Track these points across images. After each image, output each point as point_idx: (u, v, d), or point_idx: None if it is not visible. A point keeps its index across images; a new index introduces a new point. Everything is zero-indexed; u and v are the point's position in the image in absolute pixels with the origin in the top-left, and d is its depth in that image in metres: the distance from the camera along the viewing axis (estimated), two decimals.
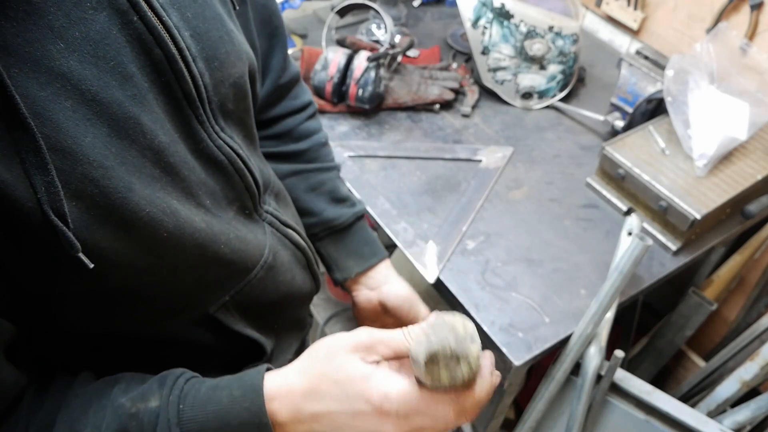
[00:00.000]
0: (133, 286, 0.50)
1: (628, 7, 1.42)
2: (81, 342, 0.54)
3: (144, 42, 0.45)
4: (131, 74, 0.44)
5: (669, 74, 1.10)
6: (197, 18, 0.51)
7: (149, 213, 0.46)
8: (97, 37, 0.42)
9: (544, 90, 1.31)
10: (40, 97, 0.39)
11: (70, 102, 0.40)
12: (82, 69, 0.41)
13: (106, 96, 0.42)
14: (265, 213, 0.66)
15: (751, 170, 1.07)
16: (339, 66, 1.20)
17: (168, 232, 0.48)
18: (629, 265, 0.87)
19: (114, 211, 0.44)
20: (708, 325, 1.48)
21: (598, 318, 0.89)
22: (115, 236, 0.44)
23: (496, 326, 0.91)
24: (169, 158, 0.48)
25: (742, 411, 1.09)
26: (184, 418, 0.48)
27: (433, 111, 1.29)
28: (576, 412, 0.96)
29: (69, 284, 0.45)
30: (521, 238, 1.04)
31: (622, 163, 1.06)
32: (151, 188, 0.46)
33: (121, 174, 0.44)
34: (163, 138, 0.47)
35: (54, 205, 0.39)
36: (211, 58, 0.52)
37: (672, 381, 1.49)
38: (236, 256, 0.58)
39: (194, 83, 0.50)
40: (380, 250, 0.85)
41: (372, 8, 1.33)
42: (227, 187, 0.58)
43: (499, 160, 1.19)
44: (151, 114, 0.46)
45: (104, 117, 0.42)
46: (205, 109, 0.52)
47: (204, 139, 0.53)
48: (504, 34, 1.24)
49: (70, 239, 0.40)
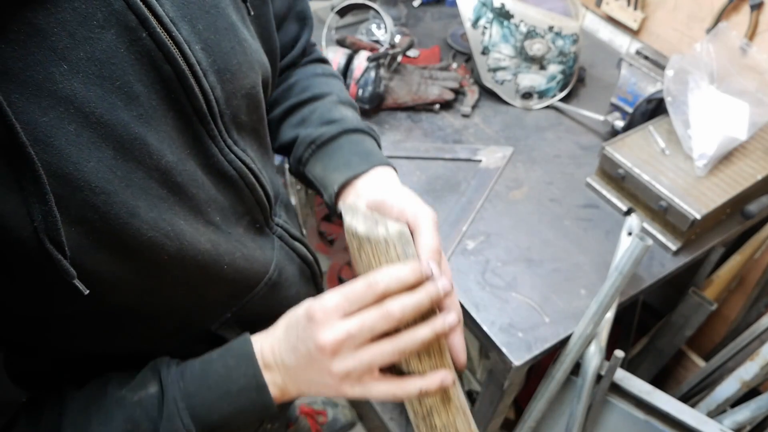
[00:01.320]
0: (132, 307, 0.50)
1: (628, 7, 1.42)
2: (77, 361, 0.54)
3: (153, 59, 0.44)
4: (137, 93, 0.43)
5: (669, 74, 1.10)
6: (209, 30, 0.50)
7: (151, 238, 0.45)
8: (103, 57, 0.41)
9: (544, 90, 1.31)
10: (41, 123, 0.38)
11: (73, 126, 0.39)
12: (86, 91, 0.40)
13: (111, 117, 0.41)
14: (276, 226, 0.65)
15: (751, 170, 1.07)
16: (339, 66, 1.20)
17: (169, 255, 0.47)
18: (629, 265, 0.87)
19: (114, 236, 0.43)
20: (708, 325, 1.48)
21: (598, 318, 0.89)
22: (114, 260, 0.44)
23: (496, 326, 0.91)
24: (176, 177, 0.47)
25: (742, 411, 1.09)
26: (188, 393, 0.50)
27: (433, 111, 1.29)
28: (576, 412, 0.96)
29: (65, 306, 0.45)
30: (521, 238, 1.04)
31: (622, 163, 1.06)
32: (157, 210, 0.46)
33: (125, 198, 0.43)
34: (171, 157, 0.47)
35: (51, 234, 0.39)
36: (223, 70, 0.51)
37: (672, 381, 1.49)
38: (239, 275, 0.57)
39: (205, 98, 0.49)
40: (375, 159, 0.66)
41: (372, 8, 1.33)
42: (237, 201, 0.57)
43: (499, 160, 1.19)
44: (158, 133, 0.45)
45: (109, 139, 0.41)
46: (216, 124, 0.51)
47: (215, 154, 0.52)
48: (504, 34, 1.24)
49: (65, 267, 0.40)
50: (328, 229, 1.92)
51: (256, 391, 0.51)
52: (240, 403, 0.51)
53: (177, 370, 0.52)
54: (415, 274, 0.48)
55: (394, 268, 0.48)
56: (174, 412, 0.49)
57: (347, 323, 0.47)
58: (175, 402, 0.49)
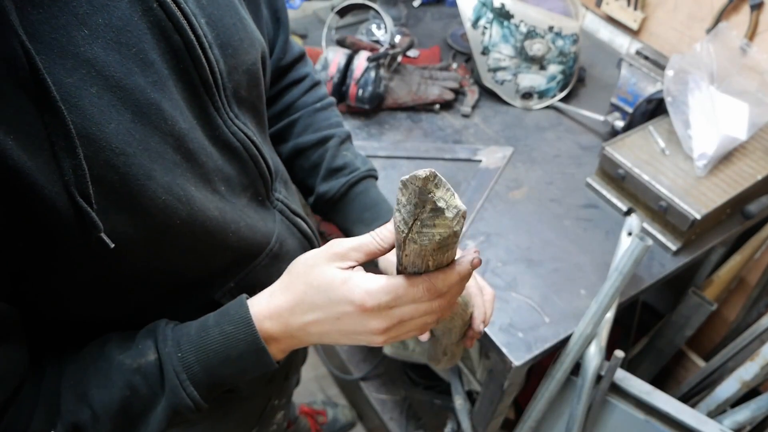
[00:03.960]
0: (142, 270, 0.51)
1: (628, 7, 1.42)
2: (79, 324, 0.54)
3: (164, 29, 0.46)
4: (152, 61, 0.45)
5: (669, 74, 1.10)
6: (212, 5, 0.52)
7: (165, 200, 0.47)
8: (120, 24, 0.43)
9: (544, 90, 1.31)
10: (67, 83, 0.40)
11: (95, 88, 0.41)
12: (105, 55, 0.42)
13: (129, 82, 0.43)
14: (276, 200, 0.68)
15: (751, 170, 1.07)
16: (339, 66, 1.20)
17: (181, 219, 0.49)
18: (629, 265, 0.87)
19: (131, 197, 0.44)
20: (708, 325, 1.48)
21: (598, 318, 0.89)
22: (130, 222, 0.45)
23: (496, 326, 0.91)
24: (188, 144, 0.49)
25: (742, 411, 1.09)
26: (187, 363, 0.50)
27: (433, 111, 1.29)
28: (576, 412, 0.96)
29: (85, 268, 0.46)
30: (521, 238, 1.04)
31: (622, 163, 1.06)
32: (171, 174, 0.47)
33: (142, 161, 0.44)
34: (183, 124, 0.48)
35: (80, 188, 0.40)
36: (226, 44, 0.53)
37: (672, 381, 1.49)
38: (243, 243, 0.59)
39: (210, 70, 0.51)
40: (383, 212, 0.79)
41: (372, 8, 1.33)
42: (242, 173, 0.59)
43: (499, 160, 1.19)
44: (171, 100, 0.47)
45: (128, 103, 0.43)
46: (220, 96, 0.53)
47: (220, 125, 0.54)
48: (504, 34, 1.24)
49: (94, 220, 0.41)
50: (328, 229, 1.92)
51: (256, 354, 0.51)
52: (241, 366, 0.51)
53: (173, 339, 0.52)
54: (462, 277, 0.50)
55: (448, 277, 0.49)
56: (176, 385, 0.49)
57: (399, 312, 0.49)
58: (176, 374, 0.49)
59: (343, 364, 1.66)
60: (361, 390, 1.60)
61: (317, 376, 1.82)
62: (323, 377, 1.82)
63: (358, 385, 1.61)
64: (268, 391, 0.84)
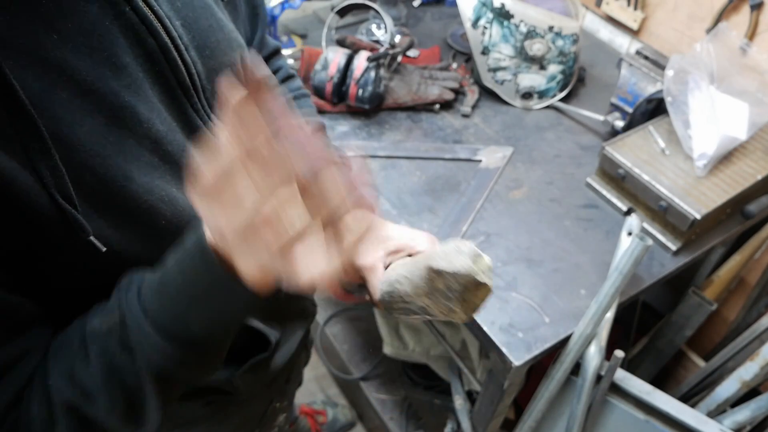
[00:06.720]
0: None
1: (628, 7, 1.42)
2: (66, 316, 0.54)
3: (137, 32, 0.46)
4: (125, 64, 0.45)
5: (669, 74, 1.10)
6: (186, 7, 0.52)
7: (147, 201, 0.46)
8: (90, 28, 0.42)
9: (544, 90, 1.31)
10: (35, 88, 0.39)
11: (65, 93, 0.41)
12: (76, 60, 0.41)
13: (102, 86, 0.43)
14: None
15: (751, 170, 1.07)
16: (339, 66, 1.20)
17: (166, 220, 0.49)
18: (629, 265, 0.87)
19: (112, 199, 0.44)
20: (708, 325, 1.48)
21: (598, 318, 0.89)
22: (115, 224, 0.45)
23: (496, 326, 0.91)
24: (167, 146, 0.49)
25: (742, 411, 1.09)
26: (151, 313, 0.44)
27: (433, 111, 1.29)
28: (576, 412, 0.96)
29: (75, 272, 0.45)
30: (521, 238, 1.04)
31: (622, 163, 1.06)
32: (149, 176, 0.47)
33: (119, 163, 0.44)
34: (161, 127, 0.48)
35: (60, 189, 0.40)
36: (202, 46, 0.53)
37: (672, 381, 1.49)
38: None
39: (188, 71, 0.50)
40: None
41: (372, 8, 1.33)
42: None
43: (499, 160, 1.19)
44: (147, 103, 0.47)
45: (101, 107, 0.43)
46: (199, 97, 0.53)
47: (200, 126, 0.54)
48: (504, 34, 1.24)
49: (81, 222, 0.41)
50: None
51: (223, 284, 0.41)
52: (214, 306, 0.43)
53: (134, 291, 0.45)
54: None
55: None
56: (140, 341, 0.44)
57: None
58: (139, 325, 0.43)
59: (343, 364, 1.66)
60: (361, 390, 1.60)
61: (317, 376, 1.82)
62: (323, 377, 1.83)
63: (358, 385, 1.61)
64: (269, 394, 0.83)
